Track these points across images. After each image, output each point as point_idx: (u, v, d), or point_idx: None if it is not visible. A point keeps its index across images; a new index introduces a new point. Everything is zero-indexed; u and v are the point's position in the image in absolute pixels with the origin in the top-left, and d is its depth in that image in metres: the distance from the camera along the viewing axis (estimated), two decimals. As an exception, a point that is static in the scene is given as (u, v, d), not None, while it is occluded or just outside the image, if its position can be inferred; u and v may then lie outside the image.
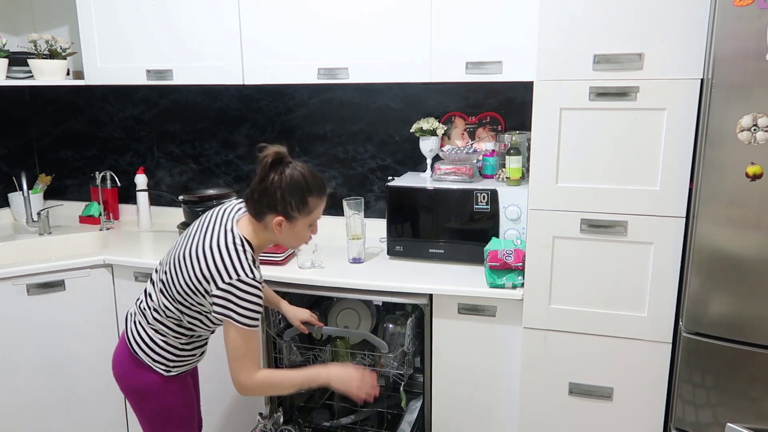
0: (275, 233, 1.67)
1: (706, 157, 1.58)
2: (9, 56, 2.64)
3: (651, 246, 1.81)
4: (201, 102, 2.89)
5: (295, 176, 1.63)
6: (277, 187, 1.62)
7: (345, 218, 2.29)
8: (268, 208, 1.64)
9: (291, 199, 1.63)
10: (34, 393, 2.39)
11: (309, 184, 1.65)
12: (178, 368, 1.79)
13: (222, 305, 1.59)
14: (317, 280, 2.15)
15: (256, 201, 1.65)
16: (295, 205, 1.63)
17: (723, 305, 1.63)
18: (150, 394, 1.77)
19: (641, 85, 1.73)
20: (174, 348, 1.76)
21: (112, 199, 3.01)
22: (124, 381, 1.79)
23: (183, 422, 1.84)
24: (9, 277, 2.30)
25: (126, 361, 1.77)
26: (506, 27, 2.08)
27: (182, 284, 1.65)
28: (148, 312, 1.75)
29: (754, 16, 1.46)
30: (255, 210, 1.66)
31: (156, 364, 1.75)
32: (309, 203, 1.66)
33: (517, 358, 2.03)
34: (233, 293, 1.58)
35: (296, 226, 1.67)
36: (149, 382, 1.75)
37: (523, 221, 2.12)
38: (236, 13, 2.35)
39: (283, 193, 1.62)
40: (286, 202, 1.62)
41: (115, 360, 1.81)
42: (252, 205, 1.66)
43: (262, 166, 1.63)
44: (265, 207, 1.64)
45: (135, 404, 1.81)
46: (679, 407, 1.75)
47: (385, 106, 2.64)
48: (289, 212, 1.64)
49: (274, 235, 1.68)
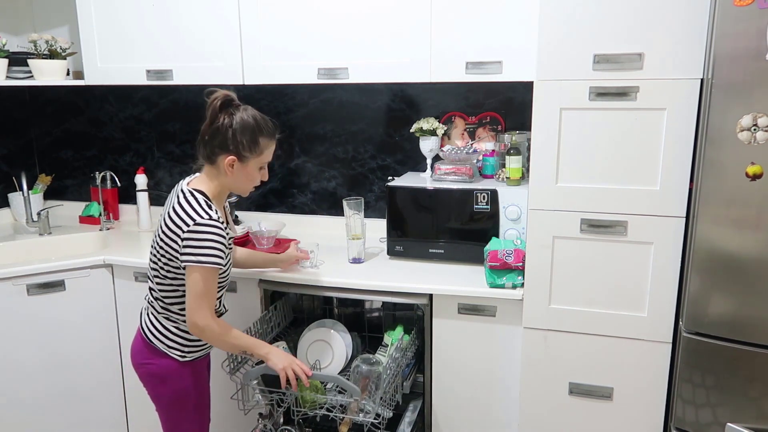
0: (227, 175, 1.73)
1: (706, 157, 1.58)
2: (9, 56, 2.64)
3: (651, 246, 1.81)
4: (201, 102, 2.87)
5: (246, 117, 1.71)
6: (228, 126, 1.69)
7: (345, 218, 2.29)
8: (220, 148, 1.71)
9: (242, 139, 1.70)
10: (35, 393, 2.39)
11: (260, 124, 1.73)
12: (192, 353, 1.86)
13: (187, 253, 1.66)
14: (317, 280, 2.15)
15: (207, 142, 1.72)
16: (247, 144, 1.71)
17: (723, 305, 1.63)
18: (166, 378, 1.84)
19: (641, 85, 1.73)
20: (185, 332, 1.82)
21: (112, 199, 3.01)
22: (143, 368, 1.86)
23: (197, 407, 1.91)
24: (9, 277, 2.30)
25: (143, 350, 1.85)
26: (506, 27, 2.08)
27: (161, 258, 1.73)
28: (155, 303, 1.83)
29: (754, 16, 1.46)
30: (207, 152, 1.73)
31: (171, 350, 1.82)
32: (260, 143, 1.73)
33: (517, 358, 2.03)
34: (193, 237, 1.65)
35: (247, 167, 1.74)
36: (166, 366, 1.83)
37: (523, 221, 2.12)
38: (236, 13, 2.35)
39: (235, 132, 1.69)
40: (237, 141, 1.69)
41: (133, 350, 1.89)
42: (204, 148, 1.73)
43: (212, 107, 1.70)
44: (217, 147, 1.71)
45: (152, 390, 1.88)
46: (679, 407, 1.75)
47: (385, 106, 2.64)
48: (241, 152, 1.71)
49: (226, 177, 1.74)
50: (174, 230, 1.68)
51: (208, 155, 1.74)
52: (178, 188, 1.79)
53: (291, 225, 2.81)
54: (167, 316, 1.82)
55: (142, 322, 1.88)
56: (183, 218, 1.68)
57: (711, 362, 1.67)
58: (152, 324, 1.83)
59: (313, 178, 2.80)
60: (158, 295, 1.81)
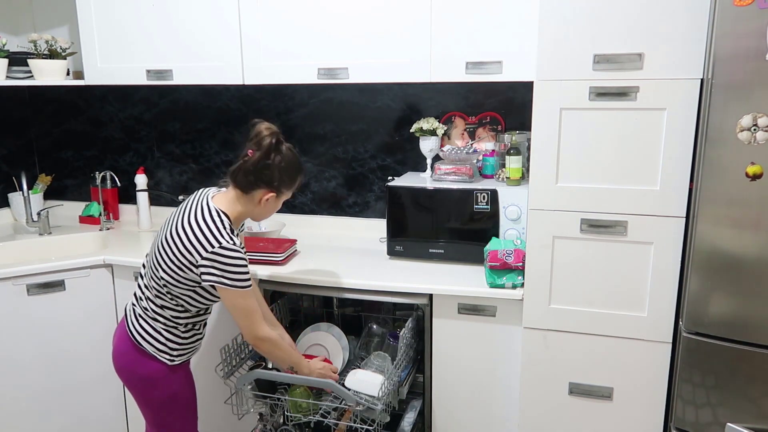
0: (258, 206, 1.78)
1: (706, 157, 1.58)
2: (9, 56, 2.64)
3: (651, 246, 1.81)
4: (201, 102, 2.89)
5: (292, 157, 1.79)
6: (277, 165, 1.74)
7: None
8: (263, 183, 1.75)
9: (286, 177, 1.77)
10: (35, 392, 2.39)
11: (300, 165, 1.83)
12: (181, 356, 1.86)
13: (211, 273, 1.68)
14: (317, 280, 2.15)
15: (251, 174, 1.74)
16: (287, 182, 1.79)
17: (723, 305, 1.63)
18: (157, 382, 1.83)
19: (641, 85, 1.73)
20: (175, 336, 1.83)
21: (112, 199, 3.01)
22: (128, 372, 1.84)
23: (188, 409, 1.92)
24: (9, 277, 2.30)
25: (129, 352, 1.82)
26: (506, 27, 2.08)
27: (169, 264, 1.72)
28: (145, 303, 1.82)
29: (754, 16, 1.46)
30: (246, 183, 1.76)
31: (160, 354, 1.81)
32: (296, 182, 1.82)
33: (517, 358, 2.03)
34: (218, 260, 1.68)
35: (278, 201, 1.82)
36: (155, 371, 1.82)
37: (523, 221, 2.12)
38: (236, 13, 2.35)
39: (282, 172, 1.75)
40: (281, 180, 1.76)
41: (117, 352, 1.86)
42: (245, 178, 1.75)
43: (266, 145, 1.73)
44: (261, 182, 1.75)
45: (140, 394, 1.86)
46: (679, 407, 1.75)
47: (385, 106, 2.64)
48: (281, 188, 1.78)
49: (255, 207, 1.79)
50: (193, 243, 1.69)
51: (247, 185, 1.76)
52: (202, 201, 1.78)
53: (291, 225, 2.81)
54: (157, 318, 1.81)
55: (130, 324, 1.84)
56: (206, 236, 1.68)
57: (711, 362, 1.67)
58: (140, 325, 1.82)
59: (313, 178, 2.80)
60: (151, 296, 1.80)
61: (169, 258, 1.72)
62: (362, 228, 2.73)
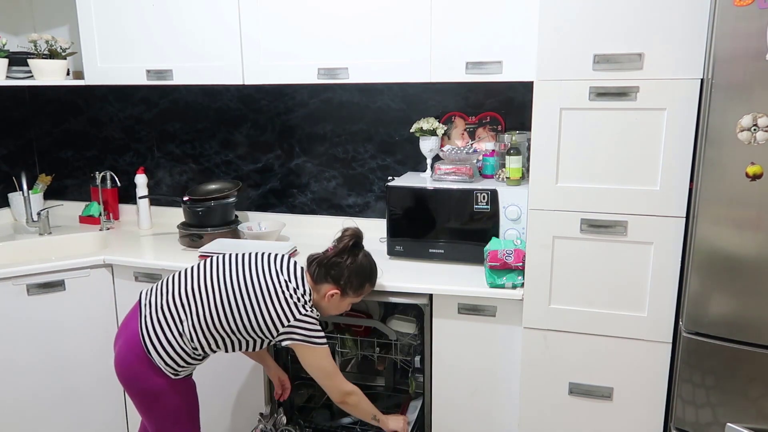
0: (323, 300, 1.87)
1: (706, 157, 1.58)
2: (9, 56, 2.64)
3: (651, 246, 1.81)
4: (201, 102, 2.89)
5: (365, 264, 1.89)
6: (347, 266, 1.85)
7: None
8: (331, 279, 1.85)
9: (354, 280, 1.86)
10: (35, 393, 2.39)
11: (372, 273, 1.92)
12: (184, 372, 1.85)
13: (296, 335, 1.77)
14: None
15: (323, 268, 1.85)
16: (354, 286, 1.87)
17: (723, 305, 1.63)
18: (160, 396, 1.81)
19: (641, 85, 1.73)
20: (188, 356, 1.82)
21: (112, 199, 3.01)
22: (131, 381, 1.82)
23: (191, 418, 1.91)
24: (9, 277, 2.30)
25: (135, 364, 1.79)
26: (506, 27, 2.08)
27: (236, 323, 1.78)
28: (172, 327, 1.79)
29: (754, 16, 1.46)
30: (317, 275, 1.86)
31: (167, 368, 1.80)
32: (364, 288, 1.91)
33: (517, 358, 2.03)
34: (304, 323, 1.77)
35: (344, 302, 1.90)
36: (159, 384, 1.80)
37: (523, 221, 2.12)
38: (236, 13, 2.35)
39: (351, 273, 1.85)
40: (349, 281, 1.86)
41: (122, 363, 1.82)
42: (317, 270, 1.86)
43: (345, 243, 1.86)
44: (330, 277, 1.85)
45: (145, 406, 1.84)
46: (679, 407, 1.75)
47: (385, 106, 2.64)
48: (346, 289, 1.87)
49: (321, 300, 1.87)
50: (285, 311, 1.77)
51: (319, 276, 1.86)
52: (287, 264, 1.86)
53: (291, 225, 2.81)
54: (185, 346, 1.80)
55: (143, 328, 1.79)
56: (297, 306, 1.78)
57: (711, 362, 1.67)
58: (158, 338, 1.78)
59: (313, 178, 2.80)
60: (184, 331, 1.78)
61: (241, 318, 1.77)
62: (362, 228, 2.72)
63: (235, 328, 1.78)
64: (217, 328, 1.78)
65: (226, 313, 1.78)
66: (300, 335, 1.78)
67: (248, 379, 2.33)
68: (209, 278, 1.82)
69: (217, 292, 1.79)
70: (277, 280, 1.80)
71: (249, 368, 2.32)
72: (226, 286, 1.79)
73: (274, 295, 1.78)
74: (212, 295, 1.79)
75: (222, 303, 1.78)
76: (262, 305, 1.77)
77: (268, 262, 1.86)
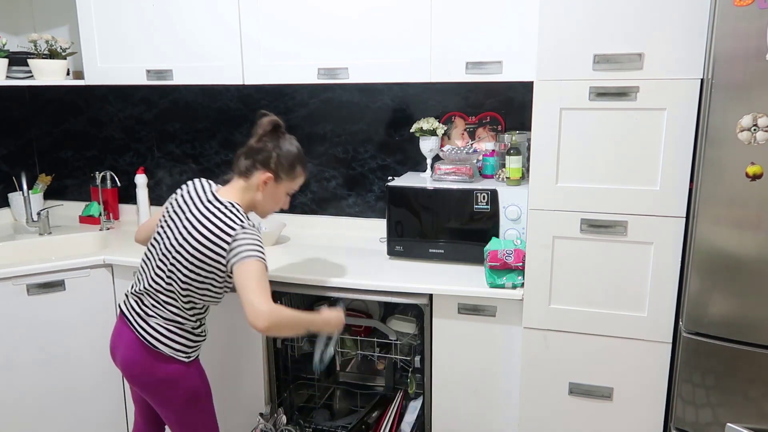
0: (258, 191, 1.84)
1: (706, 157, 1.58)
2: (9, 56, 2.64)
3: (651, 246, 1.81)
4: (201, 102, 2.89)
5: (290, 145, 1.87)
6: (274, 147, 1.83)
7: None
8: (261, 165, 1.83)
9: (284, 161, 1.84)
10: (35, 393, 2.39)
11: (300, 155, 1.89)
12: (195, 351, 1.90)
13: (239, 251, 1.71)
14: (317, 280, 2.15)
15: (250, 156, 1.84)
16: (286, 167, 1.85)
17: (723, 305, 1.63)
18: (178, 382, 1.84)
19: (641, 85, 1.73)
20: (189, 334, 1.86)
21: (112, 199, 3.01)
22: (146, 377, 1.83)
23: (208, 400, 1.94)
24: (9, 277, 2.30)
25: (144, 358, 1.82)
26: (506, 27, 2.08)
27: (191, 264, 1.76)
28: (157, 307, 1.82)
29: (754, 16, 1.46)
30: (246, 166, 1.84)
31: (177, 353, 1.83)
32: (296, 171, 1.88)
33: (517, 358, 2.03)
34: (245, 237, 1.72)
35: (279, 189, 1.87)
36: (174, 371, 1.83)
37: (523, 221, 2.12)
38: (236, 13, 2.35)
39: (279, 154, 1.83)
40: (278, 162, 1.83)
41: (130, 361, 1.84)
42: (244, 161, 1.84)
43: (263, 127, 1.84)
44: (258, 163, 1.83)
45: (161, 396, 1.86)
46: (679, 407, 1.75)
47: (385, 106, 2.64)
48: (278, 172, 1.84)
49: (256, 194, 1.85)
50: (217, 242, 1.73)
51: (246, 168, 1.84)
52: (208, 196, 1.83)
53: (291, 225, 2.81)
54: (172, 320, 1.82)
55: (140, 329, 1.82)
56: (229, 224, 1.74)
57: (711, 362, 1.67)
58: (155, 330, 1.81)
59: (313, 178, 2.80)
60: (166, 302, 1.81)
61: (193, 257, 1.75)
62: (362, 228, 2.74)
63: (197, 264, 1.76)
64: (185, 275, 1.77)
65: (183, 256, 1.77)
66: (250, 249, 1.70)
67: (248, 379, 2.33)
68: (159, 243, 1.84)
69: (169, 246, 1.80)
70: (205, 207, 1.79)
71: (249, 368, 2.32)
72: (174, 236, 1.80)
73: (213, 219, 1.76)
74: (164, 253, 1.81)
75: (171, 254, 1.79)
76: (203, 232, 1.75)
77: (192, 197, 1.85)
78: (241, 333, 2.28)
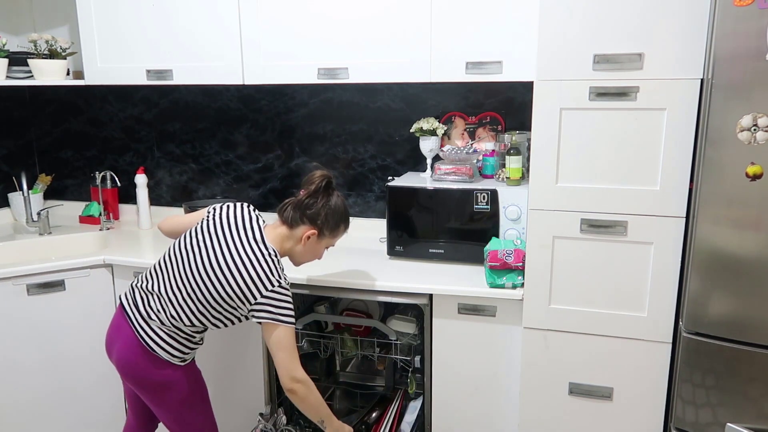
0: (299, 243, 1.86)
1: (706, 157, 1.58)
2: (9, 56, 2.64)
3: (651, 246, 1.81)
4: (201, 102, 2.89)
5: (340, 203, 1.89)
6: (324, 204, 1.85)
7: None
8: (308, 220, 1.84)
9: (330, 219, 1.86)
10: (35, 392, 2.39)
11: (347, 214, 1.92)
12: (191, 356, 1.92)
13: (267, 311, 1.74)
14: (317, 279, 2.15)
15: (299, 210, 1.84)
16: (331, 225, 1.87)
17: (723, 305, 1.63)
18: (173, 385, 1.86)
19: (641, 85, 1.73)
20: (188, 342, 1.87)
21: (112, 199, 3.01)
22: (141, 379, 1.85)
23: (204, 400, 1.96)
24: (9, 277, 2.30)
25: (141, 361, 1.83)
26: (506, 27, 2.08)
27: (215, 296, 1.77)
28: (163, 315, 1.81)
29: (754, 16, 1.46)
30: (293, 218, 1.85)
31: (173, 358, 1.85)
32: (339, 229, 1.91)
33: (517, 358, 2.03)
34: (276, 299, 1.75)
35: (320, 244, 1.90)
36: (170, 374, 1.85)
37: (523, 221, 2.12)
38: (236, 14, 2.35)
39: (327, 212, 1.85)
40: (325, 220, 1.85)
41: (124, 359, 1.84)
42: (292, 214, 1.85)
43: (316, 183, 1.84)
44: (306, 218, 1.84)
45: (157, 397, 1.87)
46: (679, 407, 1.75)
47: (385, 106, 2.64)
48: (323, 229, 1.86)
49: (296, 245, 1.87)
50: (255, 282, 1.74)
51: (294, 219, 1.85)
52: (251, 227, 1.82)
53: (291, 225, 2.81)
54: (178, 332, 1.83)
55: (138, 328, 1.82)
56: (268, 276, 1.75)
57: (711, 362, 1.67)
58: (156, 334, 1.81)
59: (313, 178, 2.80)
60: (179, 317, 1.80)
61: (218, 290, 1.76)
62: (362, 228, 2.73)
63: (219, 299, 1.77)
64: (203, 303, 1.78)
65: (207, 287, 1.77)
66: (273, 312, 1.74)
67: (248, 379, 2.33)
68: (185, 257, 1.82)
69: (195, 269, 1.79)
70: (249, 248, 1.78)
71: (249, 368, 2.32)
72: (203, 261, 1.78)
73: (254, 262, 1.76)
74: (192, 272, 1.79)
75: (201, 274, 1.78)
76: (241, 272, 1.75)
77: (237, 228, 1.83)
78: (241, 334, 2.28)
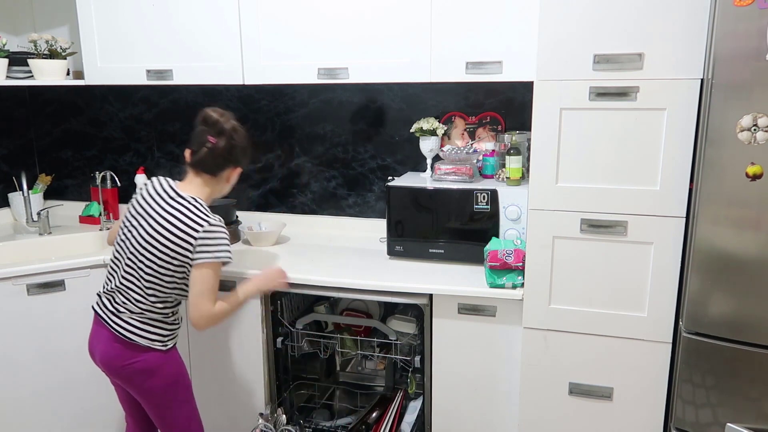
0: (224, 183, 1.94)
1: (706, 157, 1.58)
2: (9, 56, 2.64)
3: (651, 246, 1.81)
4: (201, 102, 2.89)
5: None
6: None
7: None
8: (231, 163, 1.91)
9: (248, 151, 1.95)
10: (34, 392, 2.39)
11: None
12: (172, 340, 1.95)
13: (204, 251, 1.80)
14: (317, 280, 2.15)
15: (221, 158, 1.88)
16: (247, 155, 1.96)
17: (723, 305, 1.63)
18: (156, 370, 1.88)
19: (641, 85, 1.73)
20: (164, 324, 1.91)
21: (112, 199, 3.00)
22: (126, 369, 1.86)
23: (188, 388, 1.98)
24: (9, 277, 2.29)
25: (121, 352, 1.86)
26: (506, 27, 2.08)
27: (158, 262, 1.82)
28: (128, 304, 1.86)
29: (754, 16, 1.46)
30: (215, 167, 1.89)
31: (154, 343, 1.87)
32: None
33: (517, 358, 2.03)
34: (210, 237, 1.81)
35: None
36: (152, 359, 1.87)
37: (523, 221, 2.12)
38: (236, 13, 2.35)
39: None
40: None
41: (107, 358, 1.88)
42: (214, 163, 1.88)
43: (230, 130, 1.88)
44: (230, 162, 1.90)
45: (140, 386, 1.89)
46: (679, 407, 1.75)
47: (385, 106, 2.64)
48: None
49: (221, 185, 1.94)
50: (183, 237, 1.80)
51: (216, 168, 1.89)
52: (170, 193, 1.88)
53: (291, 225, 2.81)
54: (145, 314, 1.86)
55: (114, 325, 1.86)
56: (194, 224, 1.81)
57: (711, 362, 1.67)
58: (130, 324, 1.86)
59: (313, 178, 2.80)
60: (139, 297, 1.85)
61: (159, 254, 1.81)
62: (362, 228, 2.73)
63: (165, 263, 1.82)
64: (155, 275, 1.83)
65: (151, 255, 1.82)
66: (212, 251, 1.80)
67: (248, 379, 2.33)
68: (126, 243, 1.87)
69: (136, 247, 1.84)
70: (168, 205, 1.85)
71: (249, 368, 2.32)
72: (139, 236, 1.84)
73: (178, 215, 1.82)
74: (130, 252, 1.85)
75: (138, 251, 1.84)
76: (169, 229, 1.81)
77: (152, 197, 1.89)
78: (241, 333, 2.28)
